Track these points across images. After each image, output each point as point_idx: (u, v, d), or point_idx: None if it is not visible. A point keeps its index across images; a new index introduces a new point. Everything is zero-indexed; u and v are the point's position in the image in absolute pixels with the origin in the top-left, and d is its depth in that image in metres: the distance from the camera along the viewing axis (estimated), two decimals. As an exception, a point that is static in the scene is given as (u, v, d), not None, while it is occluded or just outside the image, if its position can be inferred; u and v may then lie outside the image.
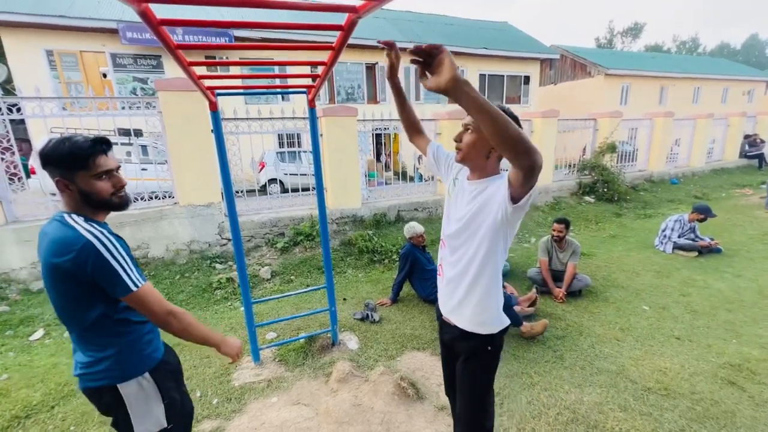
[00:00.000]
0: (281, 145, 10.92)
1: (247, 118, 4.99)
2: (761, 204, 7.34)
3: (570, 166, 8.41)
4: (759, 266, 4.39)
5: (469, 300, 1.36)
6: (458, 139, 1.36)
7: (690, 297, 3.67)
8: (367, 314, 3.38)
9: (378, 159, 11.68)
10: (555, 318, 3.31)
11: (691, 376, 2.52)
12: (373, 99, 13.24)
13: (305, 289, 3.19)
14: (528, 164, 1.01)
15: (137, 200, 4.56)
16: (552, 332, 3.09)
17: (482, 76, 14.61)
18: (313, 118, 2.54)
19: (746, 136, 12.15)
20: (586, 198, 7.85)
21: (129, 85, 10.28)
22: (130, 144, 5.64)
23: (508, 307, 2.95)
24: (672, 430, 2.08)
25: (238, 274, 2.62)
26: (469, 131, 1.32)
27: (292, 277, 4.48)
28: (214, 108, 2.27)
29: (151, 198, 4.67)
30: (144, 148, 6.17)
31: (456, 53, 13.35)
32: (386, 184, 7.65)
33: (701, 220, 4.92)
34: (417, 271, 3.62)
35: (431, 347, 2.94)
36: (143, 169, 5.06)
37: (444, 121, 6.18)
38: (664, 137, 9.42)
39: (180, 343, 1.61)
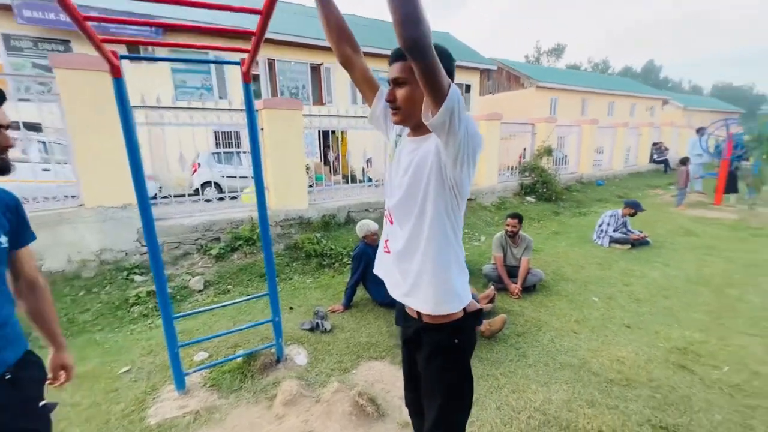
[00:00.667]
0: (218, 146, 10.06)
1: (174, 108, 4.37)
2: (672, 202, 8.23)
3: (511, 168, 8.76)
4: (682, 256, 4.80)
5: (423, 274, 1.16)
6: (392, 98, 1.14)
7: (631, 286, 3.84)
8: (317, 323, 3.02)
9: (325, 162, 11.27)
10: (513, 314, 3.23)
11: (646, 363, 2.54)
12: (319, 101, 12.83)
13: (244, 299, 2.75)
14: (404, 36, 0.83)
15: (27, 201, 3.72)
16: (512, 329, 2.99)
17: (427, 83, 14.90)
18: (248, 95, 2.16)
19: (654, 144, 13.77)
20: (528, 198, 8.20)
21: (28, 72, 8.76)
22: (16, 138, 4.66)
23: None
24: (639, 422, 2.02)
25: (155, 283, 2.13)
26: (402, 84, 1.11)
27: (229, 287, 3.94)
28: (116, 74, 1.81)
29: (47, 199, 3.85)
30: (46, 144, 5.16)
31: (401, 58, 13.44)
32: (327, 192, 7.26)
33: (632, 215, 5.29)
34: (372, 272, 3.32)
35: (390, 355, 2.66)
36: (45, 170, 4.19)
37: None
38: (591, 142, 10.28)
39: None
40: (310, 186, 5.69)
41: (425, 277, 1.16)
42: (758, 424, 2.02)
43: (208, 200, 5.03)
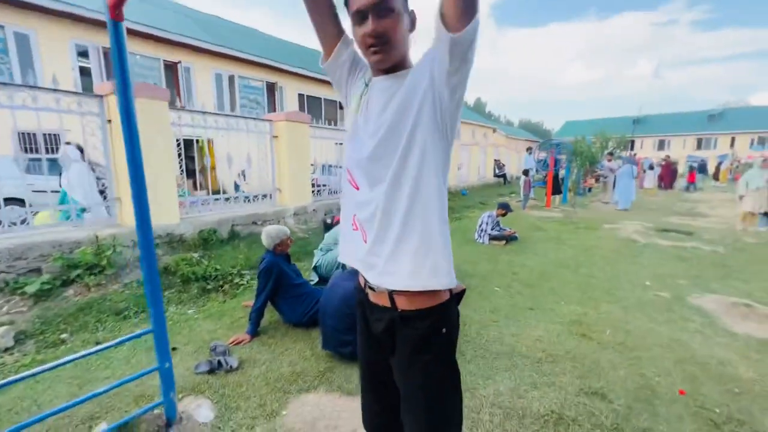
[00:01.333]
0: (28, 150, 7.31)
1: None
2: (519, 206, 9.99)
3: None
4: (543, 246, 5.76)
5: (407, 241, 0.91)
6: (380, 32, 0.87)
7: (519, 275, 4.34)
8: (219, 361, 2.32)
9: (188, 175, 9.59)
10: (437, 314, 3.19)
11: (558, 338, 2.80)
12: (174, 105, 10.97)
13: (103, 346, 1.85)
14: None
15: None
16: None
17: (301, 96, 14.56)
18: (119, 42, 1.50)
19: (495, 161, 16.73)
20: (411, 207, 8.70)
21: None
22: None
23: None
24: (575, 392, 2.15)
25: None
26: (388, 12, 0.86)
27: (63, 336, 2.73)
28: None
29: None
30: None
31: (276, 69, 12.84)
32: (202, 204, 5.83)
33: (503, 215, 6.12)
34: (284, 288, 2.79)
35: (324, 383, 2.22)
36: None
37: (281, 122, 5.50)
38: (454, 158, 11.73)
39: None
40: (181, 196, 4.65)
41: (410, 243, 0.91)
42: (646, 371, 2.40)
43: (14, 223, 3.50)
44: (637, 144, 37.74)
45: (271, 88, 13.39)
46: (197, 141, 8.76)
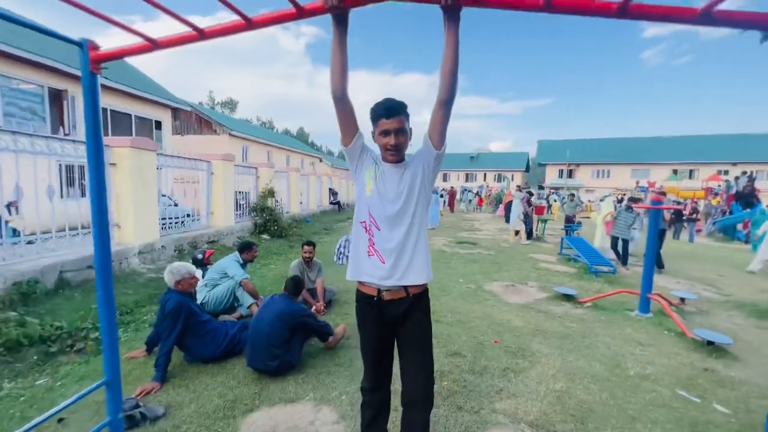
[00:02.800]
0: None
1: None
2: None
3: (240, 207, 8.97)
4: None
5: (417, 255, 1.61)
6: (396, 144, 1.58)
7: (381, 286, 5.33)
8: (141, 414, 2.18)
9: None
10: (336, 324, 3.72)
11: (423, 325, 3.83)
12: None
13: (58, 408, 1.53)
14: (455, 88, 1.45)
15: None
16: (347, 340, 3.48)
17: (104, 111, 12.04)
18: (94, 91, 1.55)
19: (330, 189, 18.18)
20: (263, 236, 8.70)
21: None
22: None
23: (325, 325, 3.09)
24: (443, 356, 3.16)
25: None
26: (403, 132, 1.58)
27: None
28: None
29: None
30: None
31: (65, 73, 10.35)
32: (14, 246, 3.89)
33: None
34: (194, 326, 2.75)
35: (265, 400, 2.44)
36: None
37: (124, 148, 4.83)
38: (296, 187, 12.28)
39: None
40: None
41: (418, 258, 1.62)
42: (476, 334, 3.70)
43: None
44: (430, 176, 47.98)
45: (57, 96, 10.59)
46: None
